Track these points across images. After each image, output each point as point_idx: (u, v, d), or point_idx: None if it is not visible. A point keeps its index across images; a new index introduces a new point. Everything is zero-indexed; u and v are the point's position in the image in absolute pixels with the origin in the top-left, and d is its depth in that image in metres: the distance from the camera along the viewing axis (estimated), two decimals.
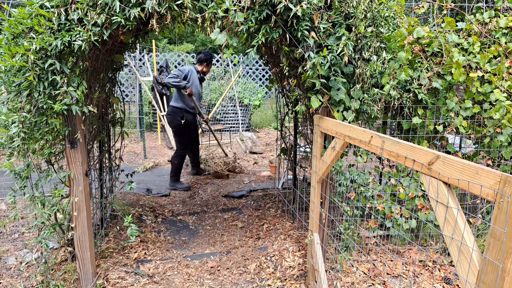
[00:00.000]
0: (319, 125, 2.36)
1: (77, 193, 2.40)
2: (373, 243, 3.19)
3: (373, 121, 2.77)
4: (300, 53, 2.25)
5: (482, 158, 3.14)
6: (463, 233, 1.22)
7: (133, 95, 9.69)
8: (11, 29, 2.03)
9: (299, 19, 2.18)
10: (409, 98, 2.78)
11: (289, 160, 4.18)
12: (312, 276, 2.56)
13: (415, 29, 2.86)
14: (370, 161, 2.95)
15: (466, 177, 1.20)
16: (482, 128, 3.01)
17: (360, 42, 2.36)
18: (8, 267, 2.86)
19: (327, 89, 2.35)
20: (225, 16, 2.13)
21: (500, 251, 1.09)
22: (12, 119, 2.12)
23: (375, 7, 2.42)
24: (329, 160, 2.24)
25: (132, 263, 2.96)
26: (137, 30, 2.60)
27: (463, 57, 2.79)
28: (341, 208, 2.76)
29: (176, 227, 3.71)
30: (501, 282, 1.09)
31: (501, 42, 2.86)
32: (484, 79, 2.87)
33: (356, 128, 1.93)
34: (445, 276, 2.82)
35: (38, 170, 2.37)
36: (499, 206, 1.08)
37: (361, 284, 2.70)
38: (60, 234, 2.59)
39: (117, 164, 3.59)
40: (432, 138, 3.07)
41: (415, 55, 2.84)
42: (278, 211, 4.00)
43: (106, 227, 3.47)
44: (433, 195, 1.36)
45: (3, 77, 2.09)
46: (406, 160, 1.51)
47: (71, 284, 2.60)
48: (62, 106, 2.09)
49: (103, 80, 3.05)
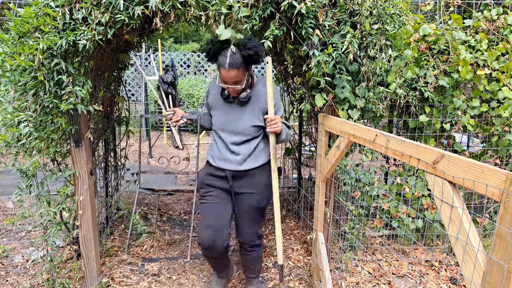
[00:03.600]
0: (324, 124, 2.35)
1: (82, 192, 2.41)
2: (378, 242, 3.17)
3: (378, 120, 2.75)
4: (305, 51, 2.24)
5: (490, 157, 3.10)
6: (468, 233, 1.20)
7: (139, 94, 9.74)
8: (17, 28, 2.04)
9: (303, 16, 2.16)
10: (415, 96, 2.75)
11: (294, 159, 4.16)
12: (317, 275, 2.54)
13: (421, 27, 2.82)
14: (376, 160, 2.93)
15: (471, 176, 1.18)
16: (489, 127, 2.96)
17: (366, 39, 2.34)
18: (15, 265, 2.89)
19: (331, 88, 2.33)
20: (228, 13, 2.13)
21: (506, 252, 1.07)
22: (18, 119, 2.13)
23: (381, 4, 2.39)
24: (333, 159, 2.23)
25: (137, 261, 2.97)
26: (141, 29, 2.60)
27: (470, 55, 2.75)
28: (346, 207, 2.74)
29: (181, 226, 3.72)
30: (507, 283, 1.07)
31: (509, 39, 2.82)
32: (492, 77, 2.83)
33: (360, 126, 1.91)
34: (451, 276, 2.79)
35: (44, 169, 2.39)
36: (505, 205, 1.06)
37: (366, 284, 2.68)
38: (66, 233, 2.61)
39: (122, 163, 3.60)
40: (439, 137, 3.03)
41: (422, 52, 2.81)
42: (283, 210, 3.99)
43: (112, 226, 3.49)
44: (438, 194, 1.34)
45: (9, 76, 2.10)
46: (411, 159, 1.49)
47: (76, 282, 2.61)
48: (68, 106, 2.11)
49: (108, 79, 3.06)
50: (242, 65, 1.98)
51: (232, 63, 1.95)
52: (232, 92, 2.11)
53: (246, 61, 1.99)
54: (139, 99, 9.64)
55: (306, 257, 3.06)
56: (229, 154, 2.21)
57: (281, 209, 4.02)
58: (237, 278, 2.79)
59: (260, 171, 2.26)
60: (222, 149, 2.23)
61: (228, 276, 2.61)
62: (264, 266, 2.94)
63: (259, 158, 2.24)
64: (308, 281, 2.75)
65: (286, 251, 3.16)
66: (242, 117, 2.16)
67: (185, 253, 3.15)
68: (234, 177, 2.23)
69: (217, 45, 2.01)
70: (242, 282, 2.74)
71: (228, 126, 2.19)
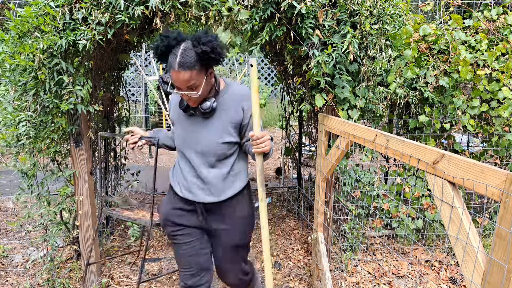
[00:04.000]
0: (324, 124, 2.35)
1: (82, 192, 2.42)
2: (378, 242, 3.17)
3: (378, 120, 2.75)
4: (305, 51, 2.24)
5: (490, 157, 3.10)
6: (468, 233, 1.20)
7: (139, 94, 9.74)
8: (17, 28, 2.04)
9: (303, 16, 2.16)
10: (415, 96, 2.75)
11: (294, 159, 4.17)
12: (317, 275, 2.54)
13: (421, 27, 2.82)
14: (376, 160, 2.93)
15: (471, 176, 1.18)
16: (489, 127, 2.96)
17: (365, 39, 2.34)
18: (15, 265, 2.89)
19: (331, 88, 2.34)
20: (229, 14, 2.13)
21: (506, 252, 1.07)
22: (18, 119, 2.14)
23: (381, 4, 2.40)
24: (333, 159, 2.23)
25: (137, 261, 2.97)
26: (141, 29, 2.60)
27: (470, 55, 2.75)
28: (346, 207, 2.74)
29: None
30: (507, 283, 1.07)
31: (509, 39, 2.82)
32: (492, 77, 2.83)
33: (360, 126, 1.91)
34: (451, 276, 2.79)
35: (44, 169, 2.39)
36: (505, 205, 1.06)
37: (366, 284, 2.68)
38: (66, 233, 2.61)
39: (122, 163, 3.60)
40: (439, 137, 3.03)
41: (421, 52, 2.81)
42: (283, 210, 3.99)
43: (112, 226, 3.49)
44: (438, 194, 1.34)
45: (9, 76, 2.10)
46: (411, 159, 1.49)
47: (76, 282, 2.61)
48: (68, 106, 2.11)
49: (108, 79, 3.06)
50: (197, 65, 1.52)
51: (182, 62, 1.49)
52: (188, 101, 1.63)
53: (202, 61, 1.52)
54: (139, 99, 9.64)
55: (306, 257, 3.06)
56: (197, 181, 1.74)
57: (281, 209, 4.02)
58: None
59: (239, 199, 1.80)
60: (188, 174, 1.76)
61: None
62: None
63: (236, 182, 1.76)
64: (308, 281, 2.75)
65: (286, 251, 3.16)
66: (208, 132, 1.69)
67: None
68: (207, 210, 1.78)
69: (167, 41, 1.54)
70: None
71: (192, 145, 1.72)
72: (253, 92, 1.51)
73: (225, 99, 1.70)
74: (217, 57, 1.53)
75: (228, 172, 1.74)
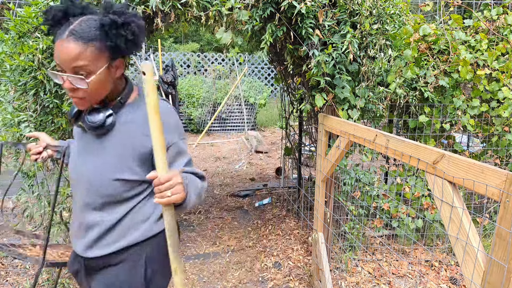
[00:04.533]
0: (324, 124, 2.35)
1: None
2: (378, 242, 3.17)
3: (378, 120, 2.75)
4: (305, 51, 2.24)
5: (490, 157, 3.10)
6: (468, 233, 1.21)
7: None
8: (17, 28, 2.04)
9: (303, 16, 2.16)
10: (415, 96, 2.75)
11: (294, 159, 4.17)
12: (317, 275, 2.54)
13: (421, 27, 2.83)
14: (376, 160, 2.93)
15: (471, 176, 1.18)
16: (489, 127, 2.97)
17: (365, 39, 2.34)
18: (15, 265, 2.89)
19: (331, 87, 2.34)
20: (229, 14, 2.13)
21: (506, 252, 1.07)
22: (18, 119, 2.14)
23: (381, 4, 2.40)
24: (333, 159, 2.23)
25: None
26: None
27: (470, 55, 2.75)
28: (346, 207, 2.74)
29: (181, 226, 3.72)
30: (507, 283, 1.07)
31: (509, 39, 2.82)
32: (492, 77, 2.83)
33: (360, 126, 1.91)
34: (451, 276, 2.79)
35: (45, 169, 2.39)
36: (505, 205, 1.07)
37: (366, 284, 2.68)
38: (66, 233, 2.61)
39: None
40: (439, 137, 3.04)
41: (421, 52, 2.81)
42: (283, 210, 3.99)
43: None
44: (438, 194, 1.34)
45: (9, 76, 2.10)
46: (411, 159, 1.49)
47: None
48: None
49: None
50: (97, 41, 1.06)
51: (76, 30, 1.04)
52: (73, 97, 1.14)
53: (107, 38, 1.07)
54: None
55: (306, 257, 3.06)
56: (81, 225, 1.24)
57: (281, 209, 4.02)
58: (237, 278, 2.79)
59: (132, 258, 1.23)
60: (74, 215, 1.28)
61: None
62: (264, 266, 2.94)
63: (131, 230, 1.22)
64: (308, 281, 2.75)
65: (286, 251, 3.16)
66: (98, 161, 1.19)
67: (185, 253, 3.15)
68: (87, 268, 1.26)
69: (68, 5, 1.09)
70: (242, 282, 2.74)
71: (80, 174, 1.23)
72: (150, 112, 1.00)
73: (132, 117, 1.19)
74: (129, 37, 1.07)
75: (121, 219, 1.20)
